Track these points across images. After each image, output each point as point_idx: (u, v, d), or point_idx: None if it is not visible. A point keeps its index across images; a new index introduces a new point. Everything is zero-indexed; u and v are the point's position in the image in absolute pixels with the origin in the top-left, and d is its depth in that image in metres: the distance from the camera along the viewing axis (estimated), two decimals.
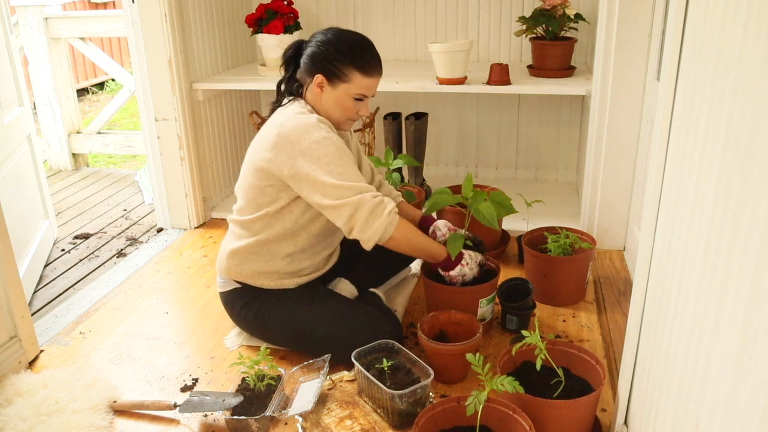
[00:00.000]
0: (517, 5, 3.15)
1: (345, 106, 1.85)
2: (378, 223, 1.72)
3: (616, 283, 2.37)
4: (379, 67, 1.86)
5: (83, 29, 4.01)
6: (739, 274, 0.80)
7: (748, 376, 0.75)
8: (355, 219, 1.72)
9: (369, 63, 1.83)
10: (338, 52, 1.80)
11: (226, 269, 1.93)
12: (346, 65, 1.80)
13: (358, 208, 1.71)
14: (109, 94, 7.00)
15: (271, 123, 1.85)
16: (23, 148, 2.73)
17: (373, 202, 1.72)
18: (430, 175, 3.46)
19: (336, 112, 1.86)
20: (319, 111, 1.87)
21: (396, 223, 1.75)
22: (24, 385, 1.80)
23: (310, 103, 1.88)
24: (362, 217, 1.71)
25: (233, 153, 3.32)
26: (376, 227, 1.72)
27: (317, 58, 1.82)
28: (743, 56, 0.83)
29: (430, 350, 1.78)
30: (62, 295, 2.54)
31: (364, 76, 1.82)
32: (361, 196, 1.71)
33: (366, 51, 1.83)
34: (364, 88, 1.83)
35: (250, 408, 1.67)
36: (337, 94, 1.83)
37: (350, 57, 1.80)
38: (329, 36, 1.84)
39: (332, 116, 1.87)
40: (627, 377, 1.49)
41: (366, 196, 1.72)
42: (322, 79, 1.82)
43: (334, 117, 1.87)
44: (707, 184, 0.96)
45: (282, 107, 1.90)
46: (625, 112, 2.43)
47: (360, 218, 1.71)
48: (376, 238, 1.73)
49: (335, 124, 1.89)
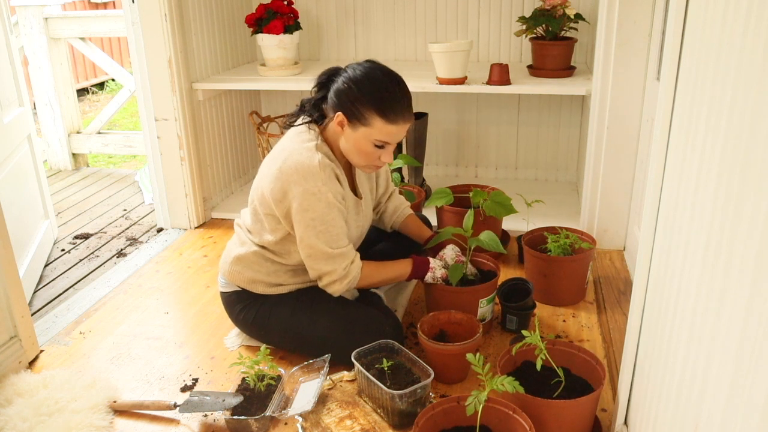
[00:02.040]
0: (517, 5, 3.15)
1: (364, 151, 1.74)
2: (336, 288, 1.83)
3: (616, 283, 2.37)
4: (406, 114, 1.72)
5: (83, 29, 4.01)
6: (739, 274, 0.80)
7: (748, 376, 0.75)
8: (321, 279, 1.83)
9: (393, 109, 1.69)
10: (361, 92, 1.69)
11: (229, 273, 1.93)
12: (367, 108, 1.68)
13: (324, 276, 1.82)
14: (109, 94, 7.00)
15: (279, 148, 1.82)
16: (23, 148, 2.73)
17: (339, 274, 1.80)
18: (430, 175, 3.46)
19: (354, 155, 1.77)
20: (337, 149, 1.81)
21: (356, 281, 1.85)
22: (24, 385, 1.80)
23: (328, 137, 1.82)
24: (326, 281, 1.83)
25: (233, 153, 3.32)
26: (335, 290, 1.84)
27: (341, 94, 1.72)
28: (743, 56, 0.83)
29: (430, 350, 1.78)
30: (62, 295, 2.54)
31: (387, 122, 1.69)
32: (332, 268, 1.79)
33: (392, 96, 1.69)
34: (385, 134, 1.71)
35: (250, 408, 1.67)
36: (356, 136, 1.73)
37: (373, 100, 1.68)
38: (358, 72, 1.72)
39: (351, 158, 1.80)
40: (627, 377, 1.49)
41: (337, 269, 1.79)
42: (342, 118, 1.72)
43: (354, 159, 1.80)
44: (707, 184, 0.96)
45: (296, 131, 1.83)
46: (625, 112, 2.43)
47: (325, 281, 1.83)
48: (336, 295, 1.86)
49: (356, 166, 1.84)
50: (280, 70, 3.01)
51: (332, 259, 1.78)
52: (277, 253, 1.87)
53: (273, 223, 1.83)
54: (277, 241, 1.85)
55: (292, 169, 1.72)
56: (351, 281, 1.83)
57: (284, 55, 3.00)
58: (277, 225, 1.83)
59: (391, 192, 2.18)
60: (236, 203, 3.19)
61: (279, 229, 1.83)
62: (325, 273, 1.80)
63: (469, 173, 3.54)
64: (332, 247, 1.77)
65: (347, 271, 1.81)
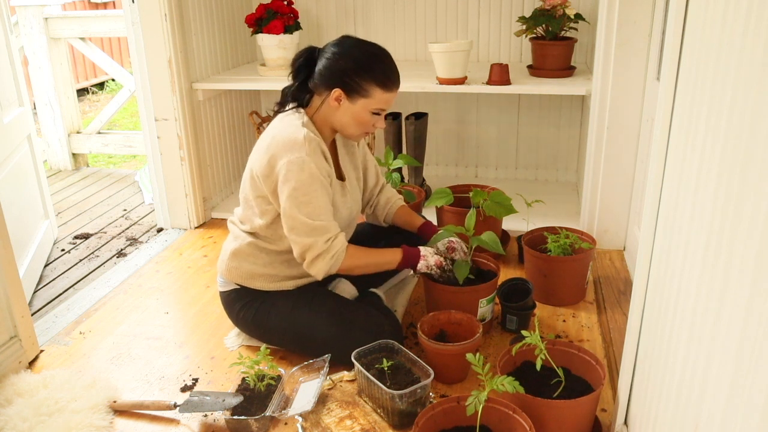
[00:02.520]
0: (517, 5, 3.15)
1: (362, 121, 1.82)
2: (320, 265, 1.80)
3: (616, 283, 2.37)
4: (398, 80, 1.83)
5: (83, 29, 4.01)
6: (739, 274, 0.80)
7: (748, 376, 0.75)
8: (304, 255, 1.81)
9: (389, 77, 1.79)
10: (358, 66, 1.76)
11: (226, 270, 1.94)
12: (366, 80, 1.76)
13: (308, 249, 1.79)
14: (109, 94, 7.00)
15: (267, 132, 1.86)
16: (23, 148, 2.73)
17: (321, 247, 1.78)
18: (430, 175, 3.46)
19: (352, 126, 1.84)
20: (333, 124, 1.86)
21: (341, 260, 1.82)
22: (24, 385, 1.80)
23: (319, 115, 1.85)
24: (309, 258, 1.80)
25: (233, 153, 3.32)
26: (319, 267, 1.81)
27: (335, 71, 1.78)
28: (743, 56, 0.83)
29: (430, 350, 1.78)
30: (62, 295, 2.54)
31: (384, 90, 1.79)
32: (313, 240, 1.78)
33: (385, 65, 1.80)
34: (383, 102, 1.81)
35: (250, 408, 1.67)
36: (355, 109, 1.80)
37: (370, 72, 1.77)
38: (347, 48, 1.79)
39: (347, 130, 1.85)
40: (627, 377, 1.49)
41: (318, 241, 1.78)
42: (339, 93, 1.78)
43: (349, 131, 1.85)
44: (707, 184, 0.96)
45: (283, 114, 1.88)
46: (625, 112, 2.43)
47: (308, 257, 1.80)
48: (321, 275, 1.82)
49: (349, 136, 1.90)
50: (280, 70, 3.01)
51: (313, 231, 1.77)
52: (270, 239, 1.88)
53: (263, 205, 1.85)
54: (268, 225, 1.85)
55: (279, 144, 1.77)
56: (335, 258, 1.80)
57: (284, 55, 3.00)
58: (266, 206, 1.84)
59: (382, 185, 2.20)
60: (236, 203, 3.17)
61: (269, 211, 1.84)
62: (306, 247, 1.78)
63: (469, 173, 3.54)
64: (312, 219, 1.76)
65: (329, 245, 1.79)
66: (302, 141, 1.75)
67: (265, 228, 1.87)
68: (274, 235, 1.87)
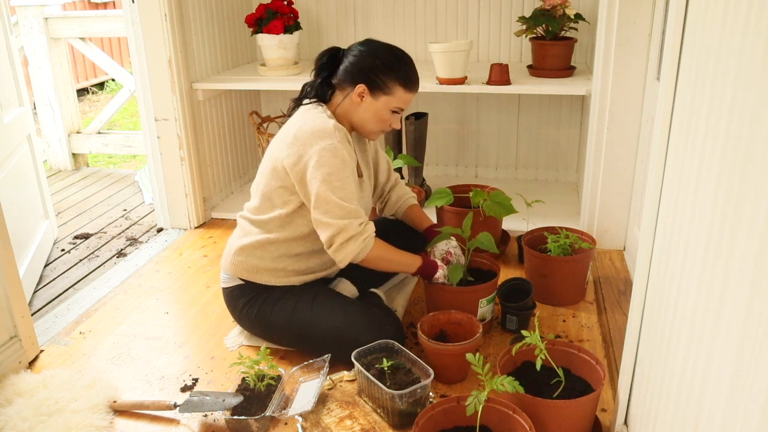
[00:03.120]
0: (517, 5, 3.15)
1: (382, 118, 1.89)
2: (351, 248, 1.80)
3: (616, 283, 2.37)
4: (418, 83, 1.92)
5: (83, 29, 4.01)
6: (739, 274, 0.80)
7: (748, 376, 0.75)
8: (334, 239, 1.80)
9: (411, 79, 1.89)
10: (384, 65, 1.85)
11: (232, 265, 1.94)
12: (391, 78, 1.85)
13: (341, 232, 1.79)
14: (109, 94, 7.00)
15: (290, 124, 1.89)
16: (23, 148, 2.73)
17: (355, 230, 1.79)
18: (430, 175, 3.46)
19: (371, 123, 1.90)
20: (353, 120, 1.91)
21: (370, 247, 1.83)
22: (24, 385, 1.80)
23: (339, 110, 1.91)
24: (341, 240, 1.80)
25: (233, 153, 3.32)
26: (350, 250, 1.80)
27: (362, 68, 1.85)
28: (743, 56, 0.83)
29: (430, 350, 1.78)
30: (62, 295, 2.54)
31: (406, 90, 1.88)
32: (348, 221, 1.79)
33: (409, 66, 1.89)
34: (403, 101, 1.89)
35: (250, 408, 1.67)
36: (377, 105, 1.87)
37: (395, 71, 1.85)
38: (374, 48, 1.88)
39: (366, 126, 1.92)
40: (627, 377, 1.49)
41: (353, 223, 1.79)
42: (363, 89, 1.85)
43: (368, 127, 1.92)
44: (707, 184, 0.96)
45: (305, 108, 1.91)
46: (625, 112, 2.43)
47: (339, 240, 1.80)
48: (348, 259, 1.82)
49: (366, 133, 1.95)
50: (280, 70, 3.01)
51: (348, 213, 1.79)
52: (285, 228, 1.88)
53: (286, 196, 1.86)
54: (288, 214, 1.87)
55: (308, 133, 1.80)
56: (366, 242, 1.81)
57: (284, 55, 3.00)
58: (289, 197, 1.86)
59: (394, 181, 2.22)
60: (236, 203, 3.19)
61: (291, 201, 1.86)
62: (340, 229, 1.78)
63: (469, 173, 3.54)
64: (347, 202, 1.79)
65: (363, 228, 1.81)
66: (332, 129, 1.80)
67: (284, 217, 1.88)
68: (287, 221, 1.88)
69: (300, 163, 1.79)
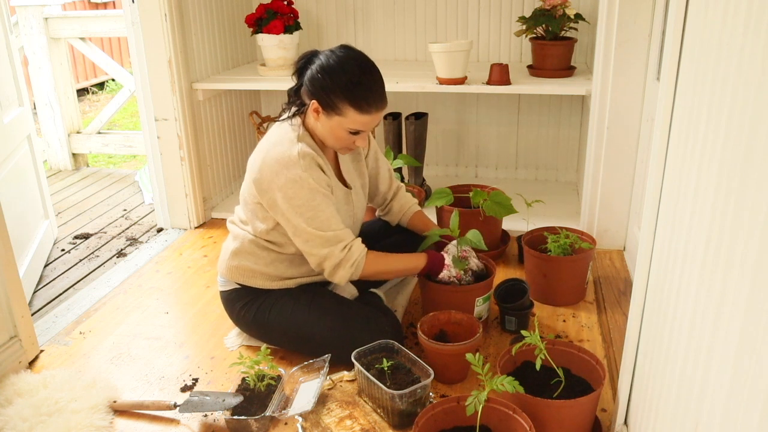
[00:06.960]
0: (517, 5, 3.14)
1: (339, 137, 1.78)
2: (341, 273, 1.81)
3: (616, 283, 2.37)
4: (378, 104, 1.74)
5: (83, 29, 4.01)
6: (739, 274, 0.80)
7: (748, 375, 0.75)
8: (323, 266, 1.81)
9: (366, 100, 1.71)
10: (333, 83, 1.69)
11: (227, 270, 1.94)
12: (340, 99, 1.70)
13: (326, 260, 1.80)
14: (109, 94, 7.00)
15: (263, 143, 1.84)
16: (23, 148, 2.73)
17: (339, 256, 1.79)
18: (430, 175, 3.46)
19: (330, 140, 1.81)
20: (317, 134, 1.83)
21: (361, 266, 1.82)
22: (24, 385, 1.80)
23: (309, 125, 1.83)
24: (329, 267, 1.81)
25: (233, 153, 3.32)
26: (341, 275, 1.81)
27: (315, 83, 1.73)
28: (743, 56, 0.83)
29: (430, 350, 1.78)
30: (62, 295, 2.54)
31: (360, 113, 1.72)
32: (329, 250, 1.78)
33: (363, 86, 1.70)
34: (359, 124, 1.74)
35: (250, 408, 1.67)
36: (331, 124, 1.76)
37: (345, 91, 1.69)
38: (332, 61, 1.72)
39: (327, 142, 1.83)
40: (627, 377, 1.49)
41: (334, 251, 1.78)
42: (317, 106, 1.75)
43: (329, 143, 1.83)
44: (707, 183, 0.96)
45: (278, 124, 1.87)
46: (625, 112, 2.43)
47: (327, 267, 1.81)
48: (343, 282, 1.84)
49: (332, 148, 1.88)
50: (280, 70, 3.01)
51: (327, 242, 1.77)
52: (272, 241, 1.88)
53: (263, 212, 1.85)
54: (270, 230, 1.85)
55: (273, 161, 1.76)
56: (355, 265, 1.80)
57: (284, 55, 3.00)
58: (266, 214, 1.84)
59: (396, 190, 2.18)
60: (236, 203, 3.17)
61: (269, 218, 1.84)
62: (324, 258, 1.79)
63: (469, 173, 3.54)
64: (323, 230, 1.77)
65: (346, 253, 1.79)
66: (296, 158, 1.74)
67: (266, 232, 1.87)
68: (277, 239, 1.87)
69: (269, 192, 1.77)
